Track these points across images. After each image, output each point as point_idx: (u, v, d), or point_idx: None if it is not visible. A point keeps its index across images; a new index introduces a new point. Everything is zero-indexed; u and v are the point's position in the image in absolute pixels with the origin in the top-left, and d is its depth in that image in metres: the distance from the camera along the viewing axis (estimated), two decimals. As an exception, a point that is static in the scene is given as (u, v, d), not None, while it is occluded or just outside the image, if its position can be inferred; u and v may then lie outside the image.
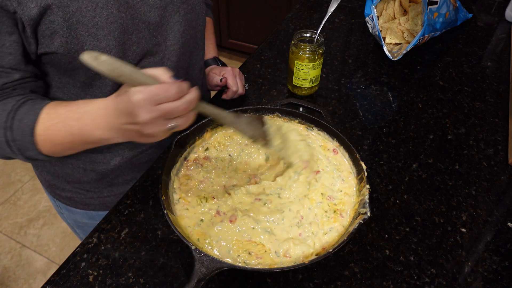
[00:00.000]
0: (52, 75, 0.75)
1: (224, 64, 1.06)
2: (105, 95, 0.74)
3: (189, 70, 0.88)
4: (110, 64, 0.52)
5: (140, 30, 0.74)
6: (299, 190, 0.74)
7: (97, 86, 0.75)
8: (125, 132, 0.61)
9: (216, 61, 1.05)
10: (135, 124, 0.58)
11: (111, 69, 0.52)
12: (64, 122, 0.66)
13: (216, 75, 1.00)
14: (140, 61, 0.77)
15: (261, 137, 0.73)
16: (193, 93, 0.58)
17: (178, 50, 0.81)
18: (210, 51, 1.06)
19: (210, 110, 0.64)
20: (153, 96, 0.54)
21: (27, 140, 0.66)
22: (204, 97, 1.05)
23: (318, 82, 1.03)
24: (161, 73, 0.57)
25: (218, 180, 0.77)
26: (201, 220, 0.70)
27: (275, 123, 0.81)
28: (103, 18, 0.68)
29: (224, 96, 1.00)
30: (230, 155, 0.81)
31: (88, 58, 0.51)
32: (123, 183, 0.92)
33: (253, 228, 0.69)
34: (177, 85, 0.56)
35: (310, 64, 0.96)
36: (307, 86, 1.01)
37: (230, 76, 0.99)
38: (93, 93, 0.76)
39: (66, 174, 0.89)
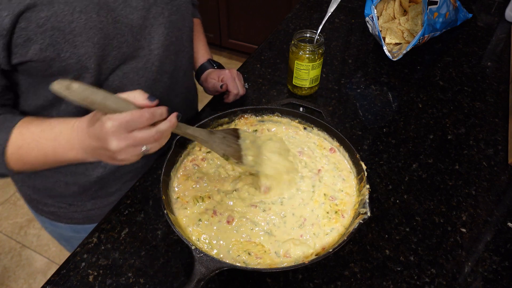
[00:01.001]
0: (25, 86, 0.71)
1: (220, 65, 1.04)
2: (72, 111, 0.73)
3: (174, 73, 0.85)
4: (81, 92, 0.50)
5: (122, 34, 0.70)
6: (304, 195, 0.74)
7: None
8: (98, 155, 0.60)
9: (211, 63, 1.03)
10: (107, 151, 0.57)
11: (83, 98, 0.50)
12: (37, 142, 0.64)
13: (214, 80, 0.98)
14: (119, 66, 0.74)
15: (233, 155, 0.70)
16: (168, 123, 0.57)
17: (162, 54, 0.79)
18: (203, 53, 1.04)
19: (183, 129, 0.63)
20: (125, 124, 0.53)
21: None
22: (193, 100, 1.04)
23: (318, 82, 1.03)
24: (137, 96, 0.55)
25: (213, 182, 0.76)
26: (199, 220, 0.70)
27: (250, 136, 0.76)
28: (81, 23, 0.64)
29: (226, 100, 0.99)
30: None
31: (59, 88, 0.50)
32: (107, 195, 0.89)
33: (252, 229, 0.69)
34: (151, 112, 0.54)
35: (310, 64, 0.96)
36: (307, 86, 1.01)
37: (229, 80, 0.97)
38: (68, 102, 0.72)
39: (47, 188, 0.87)
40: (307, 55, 0.95)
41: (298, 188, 0.75)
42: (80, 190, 0.87)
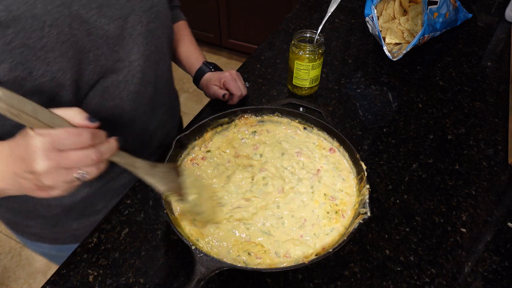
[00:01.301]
0: None
1: (216, 66, 1.01)
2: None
3: (157, 83, 0.82)
4: (7, 99, 0.43)
5: (98, 46, 0.66)
6: (303, 197, 0.74)
7: None
8: (20, 182, 0.51)
9: (207, 66, 1.00)
10: (31, 173, 0.48)
11: (9, 105, 0.43)
12: None
13: (216, 86, 0.96)
14: (99, 81, 0.70)
15: (176, 191, 0.65)
16: (108, 144, 0.51)
17: (143, 65, 0.75)
18: (197, 56, 1.02)
19: (123, 158, 0.56)
20: (57, 141, 0.46)
21: None
22: (176, 109, 1.02)
23: (318, 82, 1.03)
24: (74, 114, 0.48)
25: (210, 181, 0.76)
26: (194, 219, 0.69)
27: (192, 174, 0.73)
28: (53, 38, 0.59)
29: (231, 102, 0.99)
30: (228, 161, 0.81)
31: None
32: (93, 214, 0.86)
33: (248, 229, 0.69)
34: (91, 132, 0.48)
35: (310, 64, 0.96)
36: (307, 86, 1.01)
37: (231, 82, 0.95)
38: None
39: (29, 210, 0.82)
40: (307, 55, 0.95)
41: (296, 191, 0.75)
42: (65, 211, 0.82)
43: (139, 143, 0.85)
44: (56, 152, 0.47)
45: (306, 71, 0.98)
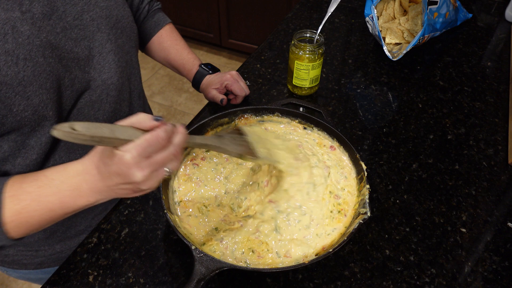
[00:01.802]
0: None
1: (213, 67, 1.00)
2: (39, 153, 0.67)
3: (131, 100, 0.82)
4: (88, 131, 0.46)
5: (71, 70, 0.65)
6: (319, 189, 0.74)
7: (30, 145, 0.66)
8: (117, 191, 0.55)
9: (205, 69, 0.99)
10: (131, 184, 0.53)
11: (91, 136, 0.46)
12: (38, 201, 0.56)
13: (215, 89, 0.96)
14: (77, 102, 0.69)
15: (248, 152, 0.69)
16: (180, 133, 0.53)
17: (116, 82, 0.74)
18: (192, 61, 0.99)
19: (195, 141, 0.60)
20: (144, 150, 0.50)
21: None
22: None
23: (318, 82, 1.03)
24: (141, 119, 0.51)
25: (213, 183, 0.76)
26: (216, 228, 0.69)
27: (252, 131, 0.75)
28: (29, 71, 0.58)
29: (234, 102, 0.99)
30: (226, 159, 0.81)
31: (62, 134, 0.45)
32: (76, 234, 0.83)
33: (261, 225, 0.69)
34: (164, 130, 0.51)
35: (310, 64, 0.96)
36: (307, 86, 1.01)
37: (234, 84, 0.95)
38: (25, 155, 0.67)
39: None
40: (307, 55, 0.95)
41: (313, 182, 0.75)
42: (46, 235, 0.80)
43: None
44: (145, 160, 0.50)
45: (306, 71, 0.98)
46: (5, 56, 0.56)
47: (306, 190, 0.73)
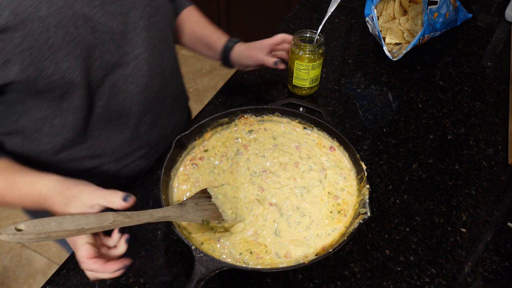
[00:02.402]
0: (13, 103, 0.69)
1: (241, 40, 0.99)
2: (73, 116, 0.73)
3: (163, 75, 0.85)
4: (32, 230, 0.47)
5: (104, 42, 0.69)
6: (316, 191, 0.74)
7: (64, 108, 0.71)
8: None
9: (233, 41, 0.98)
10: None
11: (36, 236, 0.48)
12: (2, 198, 0.65)
13: (263, 53, 0.94)
14: (106, 76, 0.72)
15: (212, 217, 0.66)
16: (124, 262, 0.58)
17: (148, 58, 0.77)
18: (219, 35, 0.99)
19: (155, 215, 0.60)
20: (90, 265, 0.55)
21: None
22: (184, 99, 1.03)
23: (318, 82, 1.03)
24: (113, 199, 0.57)
25: (207, 184, 0.76)
26: (211, 228, 0.69)
27: (220, 191, 0.73)
28: (59, 38, 0.62)
29: (282, 67, 0.96)
30: (226, 157, 0.81)
31: (7, 237, 0.47)
32: None
33: (263, 225, 0.69)
34: (117, 265, 0.56)
35: (310, 64, 0.96)
36: (307, 86, 1.01)
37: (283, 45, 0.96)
38: (61, 116, 0.72)
39: None
40: (307, 55, 0.95)
41: (306, 185, 0.75)
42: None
43: (151, 134, 0.89)
44: (90, 265, 0.56)
45: (306, 71, 0.98)
46: (38, 23, 0.59)
47: (300, 193, 0.74)
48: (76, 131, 0.76)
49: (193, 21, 1.00)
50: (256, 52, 0.95)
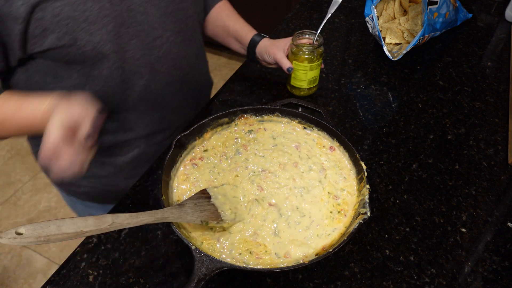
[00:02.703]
0: (46, 72, 0.75)
1: (264, 35, 1.00)
2: (101, 85, 0.78)
3: (189, 59, 0.89)
4: (32, 234, 0.48)
5: (139, 22, 0.74)
6: (316, 191, 0.74)
7: (94, 76, 0.76)
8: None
9: (261, 35, 1.00)
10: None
11: (36, 239, 0.49)
12: (11, 120, 0.69)
13: (282, 52, 0.95)
14: (144, 56, 0.78)
15: (211, 217, 0.67)
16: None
17: (176, 41, 0.83)
18: (249, 29, 1.01)
19: (154, 216, 0.60)
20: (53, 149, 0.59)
21: None
22: (207, 84, 1.06)
23: (316, 83, 1.03)
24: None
25: (207, 184, 0.76)
26: (211, 228, 0.69)
27: (220, 191, 0.73)
28: (95, 12, 0.67)
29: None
30: (225, 157, 0.81)
31: (8, 241, 0.47)
32: (139, 175, 0.91)
33: (262, 225, 0.69)
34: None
35: (309, 65, 0.96)
36: (305, 87, 1.01)
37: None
38: (92, 83, 0.77)
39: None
40: (306, 56, 0.95)
41: (306, 185, 0.75)
42: (116, 170, 0.91)
43: (178, 114, 0.95)
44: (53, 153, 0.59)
45: (304, 72, 0.98)
46: None
47: (299, 193, 0.74)
48: (106, 100, 0.79)
49: (224, 15, 1.03)
50: (276, 50, 0.95)
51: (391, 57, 1.15)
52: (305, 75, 0.98)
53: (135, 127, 0.89)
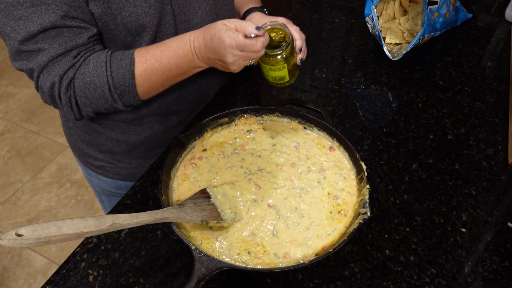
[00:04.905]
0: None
1: (261, 8, 0.96)
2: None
3: None
4: (32, 235, 0.49)
5: (177, 2, 0.79)
6: (315, 192, 0.74)
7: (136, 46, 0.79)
8: (214, 64, 0.73)
9: (258, 8, 0.95)
10: (223, 62, 0.70)
11: (36, 240, 0.49)
12: (160, 61, 0.73)
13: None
14: (171, 34, 0.80)
15: (211, 217, 0.67)
16: (263, 39, 0.68)
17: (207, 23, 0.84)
18: (249, 3, 0.96)
19: (154, 216, 0.60)
20: (241, 46, 0.66)
21: (128, 83, 0.73)
22: (226, 73, 1.05)
23: (287, 80, 0.83)
24: (248, 26, 0.66)
25: (206, 184, 0.76)
26: (210, 228, 0.69)
27: (220, 190, 0.72)
28: None
29: (302, 57, 0.81)
30: (223, 156, 0.81)
31: (8, 242, 0.48)
32: (151, 157, 0.96)
33: (260, 226, 0.69)
34: (261, 42, 0.67)
35: (267, 66, 0.79)
36: (272, 82, 0.84)
37: (293, 27, 0.79)
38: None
39: (100, 143, 0.94)
40: (265, 58, 0.77)
41: (305, 186, 0.75)
42: (129, 148, 0.95)
43: (194, 96, 0.97)
44: (238, 51, 0.68)
45: (266, 71, 0.81)
46: None
47: (298, 194, 0.74)
48: None
49: None
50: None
51: (391, 57, 1.15)
52: (267, 73, 0.82)
53: (152, 103, 0.89)
